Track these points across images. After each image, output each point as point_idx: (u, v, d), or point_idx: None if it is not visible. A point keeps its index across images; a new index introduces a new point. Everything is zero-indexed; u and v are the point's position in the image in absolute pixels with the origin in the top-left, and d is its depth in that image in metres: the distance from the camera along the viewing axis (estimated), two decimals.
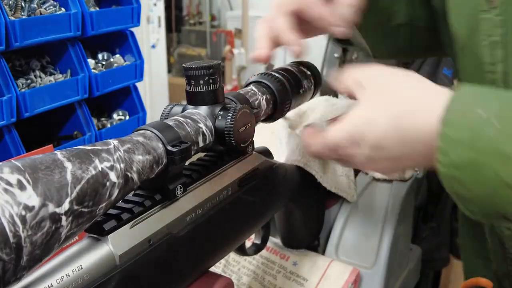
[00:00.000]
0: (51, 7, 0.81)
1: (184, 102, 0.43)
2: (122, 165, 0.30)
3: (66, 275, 0.29)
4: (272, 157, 0.52)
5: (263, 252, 0.64)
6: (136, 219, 0.34)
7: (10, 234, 0.22)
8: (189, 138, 0.37)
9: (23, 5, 0.77)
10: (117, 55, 0.96)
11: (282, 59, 2.67)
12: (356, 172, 0.70)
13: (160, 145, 0.34)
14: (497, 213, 0.38)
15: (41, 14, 0.78)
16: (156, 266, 0.35)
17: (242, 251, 0.50)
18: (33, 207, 0.24)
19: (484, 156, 0.35)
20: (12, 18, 0.73)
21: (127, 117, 0.98)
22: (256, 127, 0.45)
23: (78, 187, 0.26)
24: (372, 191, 0.67)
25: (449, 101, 0.37)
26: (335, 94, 0.84)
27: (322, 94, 0.82)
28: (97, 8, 0.91)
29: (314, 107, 0.78)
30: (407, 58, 0.79)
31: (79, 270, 0.29)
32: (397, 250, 0.65)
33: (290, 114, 0.61)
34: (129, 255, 0.33)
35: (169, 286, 0.37)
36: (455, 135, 0.36)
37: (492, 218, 0.42)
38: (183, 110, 0.42)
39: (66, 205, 0.25)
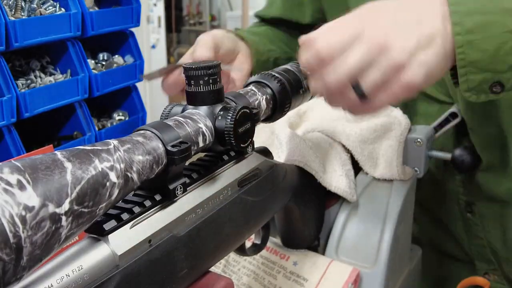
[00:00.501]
0: (51, 7, 0.81)
1: (184, 102, 0.43)
2: (122, 165, 0.30)
3: (66, 275, 0.29)
4: (272, 157, 0.52)
5: (263, 252, 0.64)
6: (136, 219, 0.34)
7: (10, 235, 0.22)
8: (189, 138, 0.37)
9: (23, 5, 0.77)
10: (117, 55, 0.96)
11: None
12: (356, 172, 0.70)
13: (160, 145, 0.34)
14: (495, 74, 0.44)
15: (41, 14, 0.78)
16: (156, 266, 0.35)
17: (242, 251, 0.50)
18: (33, 207, 0.24)
19: (493, 16, 0.43)
20: (12, 18, 0.73)
21: (127, 117, 0.98)
22: (256, 127, 0.45)
23: (78, 187, 0.26)
24: (372, 191, 0.67)
25: None
26: None
27: None
28: (97, 8, 0.91)
29: (314, 107, 0.78)
30: None
31: (79, 270, 0.29)
32: (397, 250, 0.65)
33: (290, 114, 0.61)
34: (129, 255, 0.33)
35: (169, 286, 0.37)
36: (465, 9, 0.43)
37: (486, 87, 0.45)
38: (183, 110, 0.42)
39: (66, 205, 0.25)
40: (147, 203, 0.35)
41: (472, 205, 0.73)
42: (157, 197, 0.36)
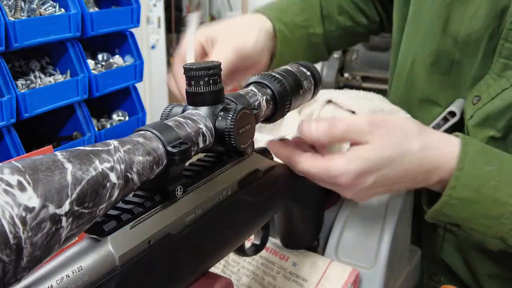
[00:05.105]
0: (51, 7, 0.81)
1: (184, 103, 0.43)
2: (122, 166, 0.30)
3: (66, 276, 0.28)
4: (272, 158, 0.52)
5: (263, 252, 0.64)
6: (136, 220, 0.34)
7: (10, 236, 0.22)
8: (189, 139, 0.37)
9: (22, 5, 0.77)
10: (117, 56, 0.96)
11: None
12: None
13: (160, 146, 0.34)
14: (458, 222, 0.54)
15: (40, 14, 0.78)
16: (156, 267, 0.35)
17: (241, 251, 0.50)
18: (34, 208, 0.24)
19: (482, 198, 0.50)
20: (12, 18, 0.73)
21: (127, 118, 0.98)
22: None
23: (78, 188, 0.26)
24: None
25: (462, 152, 0.51)
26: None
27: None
28: (97, 9, 0.90)
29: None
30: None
31: (79, 271, 0.29)
32: (396, 251, 0.65)
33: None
34: (129, 256, 0.33)
35: (169, 287, 0.37)
36: (466, 180, 0.50)
37: (444, 223, 0.59)
38: (183, 111, 0.42)
39: (66, 206, 0.25)
40: (147, 203, 0.35)
41: None
42: (157, 198, 0.36)
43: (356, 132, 0.50)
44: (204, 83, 0.40)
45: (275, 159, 0.53)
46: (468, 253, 0.71)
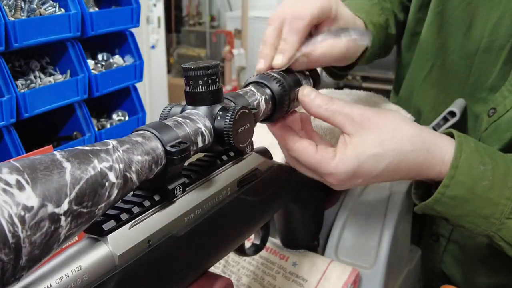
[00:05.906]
0: (51, 7, 0.81)
1: (183, 103, 0.43)
2: (121, 166, 0.30)
3: (65, 275, 0.29)
4: (272, 157, 0.52)
5: (263, 252, 0.64)
6: (136, 219, 0.34)
7: (9, 235, 0.22)
8: (188, 139, 0.37)
9: (22, 5, 0.77)
10: (117, 56, 0.96)
11: None
12: None
13: (159, 146, 0.34)
14: (442, 218, 0.54)
15: (40, 14, 0.78)
16: (155, 266, 0.35)
17: (241, 251, 0.50)
18: (32, 207, 0.24)
19: (475, 197, 0.50)
20: (12, 18, 0.73)
21: (127, 118, 0.98)
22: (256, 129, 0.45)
23: (77, 188, 0.26)
24: (372, 192, 0.67)
25: (457, 151, 0.50)
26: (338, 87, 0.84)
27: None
28: (97, 9, 0.91)
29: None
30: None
31: (78, 271, 0.29)
32: (396, 251, 0.65)
33: None
34: (128, 255, 0.33)
35: (168, 287, 0.37)
36: (460, 179, 0.50)
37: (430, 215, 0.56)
38: (182, 111, 0.42)
39: (65, 206, 0.25)
40: (146, 203, 0.35)
41: None
42: (156, 198, 0.36)
43: (348, 117, 0.49)
44: (203, 83, 0.40)
45: (275, 158, 0.53)
46: (468, 265, 0.70)
